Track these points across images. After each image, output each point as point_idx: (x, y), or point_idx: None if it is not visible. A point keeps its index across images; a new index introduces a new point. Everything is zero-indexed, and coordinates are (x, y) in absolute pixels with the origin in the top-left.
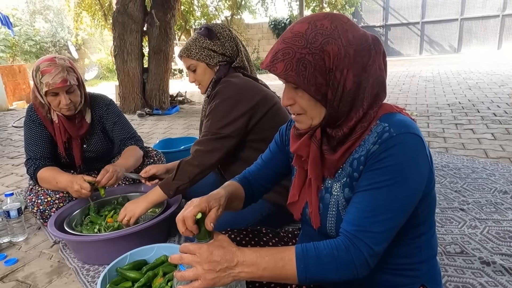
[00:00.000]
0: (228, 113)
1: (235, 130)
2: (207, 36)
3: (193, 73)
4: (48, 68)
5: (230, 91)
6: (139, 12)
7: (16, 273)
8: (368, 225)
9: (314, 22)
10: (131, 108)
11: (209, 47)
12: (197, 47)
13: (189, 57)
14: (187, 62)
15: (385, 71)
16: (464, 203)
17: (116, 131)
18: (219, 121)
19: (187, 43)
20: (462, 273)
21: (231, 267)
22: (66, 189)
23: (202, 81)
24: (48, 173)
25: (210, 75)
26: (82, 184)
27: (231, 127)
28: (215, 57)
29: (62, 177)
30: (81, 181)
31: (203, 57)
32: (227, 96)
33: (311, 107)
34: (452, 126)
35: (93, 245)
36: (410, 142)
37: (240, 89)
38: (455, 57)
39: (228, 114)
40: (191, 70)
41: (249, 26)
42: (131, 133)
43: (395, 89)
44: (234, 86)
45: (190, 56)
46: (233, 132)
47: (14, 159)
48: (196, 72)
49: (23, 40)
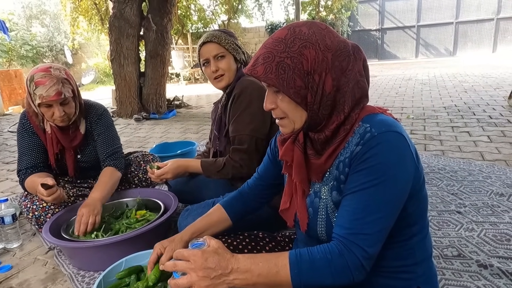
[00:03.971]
0: (258, 114)
1: (266, 131)
2: (228, 34)
3: (218, 61)
4: (43, 79)
5: (254, 92)
6: (135, 17)
7: (10, 280)
8: (359, 227)
9: (293, 28)
10: (128, 113)
11: (236, 43)
12: (225, 38)
13: (220, 44)
14: (217, 49)
15: (367, 77)
16: (461, 206)
17: (99, 144)
18: (251, 123)
19: (212, 33)
20: (460, 276)
21: (225, 274)
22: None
23: (228, 71)
24: (30, 181)
25: (234, 71)
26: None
27: (262, 129)
28: (240, 54)
29: (39, 188)
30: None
31: (232, 49)
32: (252, 97)
33: (292, 111)
34: (448, 129)
35: (88, 251)
36: (392, 140)
37: (261, 89)
38: (451, 60)
39: (258, 115)
40: (217, 58)
41: (246, 30)
42: (113, 149)
43: (391, 92)
44: (256, 86)
45: (221, 43)
46: (264, 134)
47: (9, 164)
48: (223, 61)
49: (20, 45)
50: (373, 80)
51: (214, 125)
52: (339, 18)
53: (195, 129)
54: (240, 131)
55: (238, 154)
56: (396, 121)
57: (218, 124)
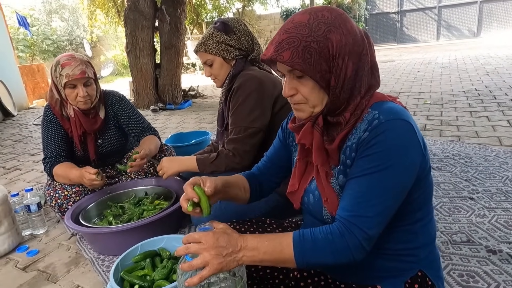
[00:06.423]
0: (256, 106)
1: (265, 123)
2: (223, 30)
3: (209, 67)
4: (68, 61)
5: (253, 85)
6: (149, 9)
7: (37, 263)
8: (361, 210)
9: (315, 13)
10: (145, 104)
11: (226, 42)
12: (214, 42)
13: (206, 51)
14: (204, 57)
15: (376, 62)
16: (474, 192)
17: (132, 125)
18: (248, 116)
19: (203, 37)
20: (467, 261)
21: (235, 252)
22: (79, 183)
23: (218, 75)
24: (62, 169)
25: (227, 69)
26: (88, 176)
27: (260, 121)
28: (232, 52)
29: (73, 172)
30: (86, 173)
31: (220, 52)
32: (251, 89)
33: (314, 95)
34: (466, 113)
35: (106, 236)
36: (398, 128)
37: (262, 82)
38: (474, 41)
39: (256, 107)
40: (208, 65)
41: (261, 17)
42: (146, 125)
43: (409, 77)
44: (255, 80)
45: (207, 51)
46: (263, 126)
47: (35, 155)
48: (212, 66)
49: (41, 40)
50: (390, 65)
51: (218, 121)
52: (356, 1)
53: (210, 119)
54: (237, 123)
55: (231, 143)
56: (404, 109)
57: (221, 119)
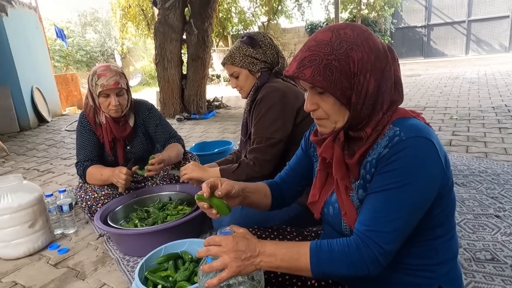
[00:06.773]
0: (278, 117)
1: (286, 134)
2: (249, 44)
3: (235, 79)
4: (104, 72)
5: (276, 96)
6: (178, 22)
7: (67, 261)
8: (378, 225)
9: (337, 31)
10: (171, 113)
11: (252, 55)
12: (240, 55)
13: (233, 64)
14: (231, 69)
15: (400, 77)
16: (500, 210)
17: (159, 133)
18: (270, 126)
19: (231, 51)
20: (491, 279)
21: (254, 256)
22: (109, 179)
23: (244, 86)
24: (95, 168)
25: (252, 81)
26: (122, 170)
27: (281, 132)
28: (257, 64)
29: (105, 170)
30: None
31: (246, 64)
32: (273, 101)
33: (335, 111)
34: (495, 130)
35: (132, 238)
36: (419, 146)
37: (284, 94)
38: (506, 56)
39: (278, 118)
40: (234, 77)
41: (286, 31)
42: (172, 133)
43: (435, 92)
44: (278, 92)
45: (234, 63)
46: (284, 137)
47: (67, 160)
48: (238, 78)
49: (76, 50)
50: (416, 79)
51: (242, 130)
52: (381, 16)
53: (233, 129)
54: (259, 133)
55: (252, 153)
56: (427, 126)
57: (244, 128)
